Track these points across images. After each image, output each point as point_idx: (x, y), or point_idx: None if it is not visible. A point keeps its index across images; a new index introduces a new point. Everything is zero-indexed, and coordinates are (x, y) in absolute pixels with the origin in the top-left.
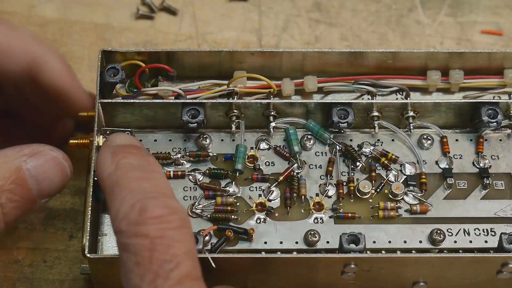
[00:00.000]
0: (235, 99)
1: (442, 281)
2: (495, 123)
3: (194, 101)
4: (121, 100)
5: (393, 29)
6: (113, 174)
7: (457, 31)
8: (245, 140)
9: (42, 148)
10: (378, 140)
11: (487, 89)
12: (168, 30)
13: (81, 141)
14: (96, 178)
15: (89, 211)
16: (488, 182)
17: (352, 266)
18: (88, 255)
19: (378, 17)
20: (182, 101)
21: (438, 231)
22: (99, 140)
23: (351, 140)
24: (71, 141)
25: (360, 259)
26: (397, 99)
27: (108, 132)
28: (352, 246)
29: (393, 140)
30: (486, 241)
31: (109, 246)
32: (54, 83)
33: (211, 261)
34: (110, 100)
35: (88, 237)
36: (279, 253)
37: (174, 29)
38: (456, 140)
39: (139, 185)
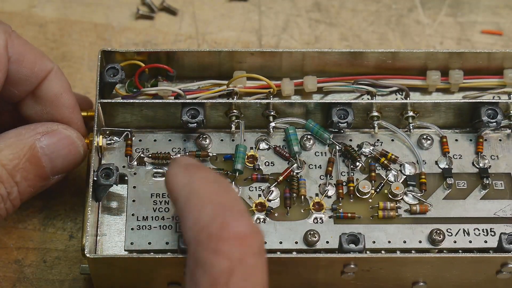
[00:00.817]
0: (235, 99)
1: (442, 281)
2: (494, 123)
3: (194, 101)
4: (121, 100)
5: (393, 29)
6: (189, 184)
7: (457, 31)
8: (244, 140)
9: (56, 126)
10: (378, 140)
11: (486, 89)
12: (168, 30)
13: None
14: (95, 178)
15: (89, 211)
16: (487, 182)
17: (352, 266)
18: (87, 255)
19: (378, 17)
20: (181, 101)
21: (438, 231)
22: (99, 140)
23: (350, 140)
24: None
25: (359, 259)
26: (396, 99)
27: (107, 132)
28: (352, 246)
29: (392, 140)
30: (485, 241)
31: (108, 246)
32: (56, 98)
33: None
34: (109, 100)
35: (87, 237)
36: (279, 253)
37: (174, 29)
38: (456, 140)
39: (219, 198)
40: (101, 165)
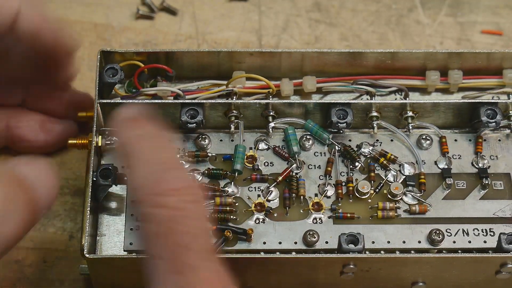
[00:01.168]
0: (234, 99)
1: (441, 281)
2: (494, 123)
3: (193, 101)
4: (120, 101)
5: (393, 29)
6: (126, 145)
7: (457, 31)
8: (244, 140)
9: None
10: (377, 140)
11: (486, 89)
12: (168, 30)
13: (79, 141)
14: (94, 179)
15: (88, 212)
16: (487, 182)
17: (351, 266)
18: (87, 255)
19: (378, 17)
20: (181, 101)
21: (437, 232)
22: (98, 140)
23: (350, 140)
24: (69, 141)
25: (359, 259)
26: (396, 99)
27: (106, 133)
28: (351, 246)
29: (392, 140)
30: (485, 241)
31: (108, 246)
32: (29, 28)
33: None
34: (108, 101)
35: (87, 238)
36: (278, 253)
37: (174, 29)
38: (455, 140)
39: (153, 155)
40: (100, 165)
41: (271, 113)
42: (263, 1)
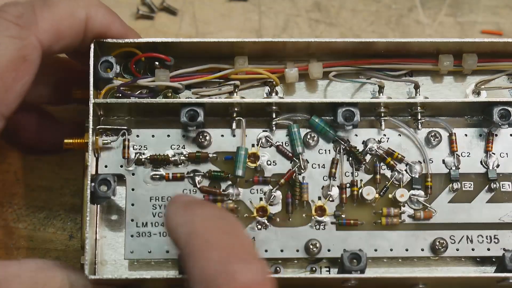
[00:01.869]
0: (236, 93)
1: (442, 285)
2: (506, 125)
3: (193, 101)
4: (117, 100)
5: (393, 29)
6: (190, 223)
7: (457, 31)
8: (246, 135)
9: None
10: (384, 135)
11: (501, 71)
12: (168, 30)
13: (76, 140)
14: (92, 190)
15: (88, 211)
16: (495, 186)
17: (353, 281)
18: (90, 277)
19: (378, 17)
20: (180, 101)
21: (441, 241)
22: (94, 139)
23: (356, 135)
24: (66, 141)
25: (360, 279)
26: (407, 91)
27: (101, 131)
28: (354, 263)
29: (399, 135)
30: (488, 249)
31: (108, 252)
32: (100, 30)
33: None
34: (105, 100)
35: (86, 260)
36: (280, 261)
37: (174, 29)
38: (465, 135)
39: (224, 239)
40: (98, 175)
41: (275, 109)
42: (263, 1)
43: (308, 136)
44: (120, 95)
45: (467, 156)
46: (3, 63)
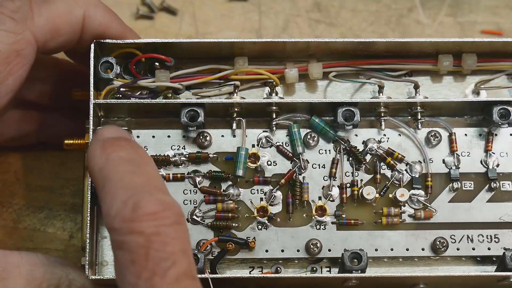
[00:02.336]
0: (236, 93)
1: (443, 284)
2: (506, 124)
3: (193, 101)
4: (117, 101)
5: (393, 29)
6: (104, 168)
7: (457, 31)
8: (246, 136)
9: None
10: (385, 135)
11: (500, 71)
12: (168, 30)
13: (76, 141)
14: (93, 191)
15: (88, 212)
16: (495, 185)
17: (354, 281)
18: (91, 277)
19: (378, 17)
20: (181, 101)
21: (441, 240)
22: None
23: (356, 135)
24: (66, 141)
25: (361, 278)
26: (407, 91)
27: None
28: (354, 262)
29: (399, 135)
30: (489, 248)
31: (108, 252)
32: (98, 29)
33: (211, 285)
34: (105, 101)
35: (87, 259)
36: (280, 261)
37: (174, 29)
38: (465, 134)
39: (131, 179)
40: None
41: (275, 109)
42: (263, 1)
43: (308, 136)
44: (120, 96)
45: (467, 155)
46: None
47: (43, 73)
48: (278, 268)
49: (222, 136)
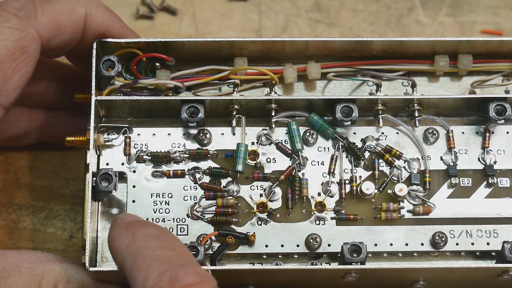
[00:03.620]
0: (236, 92)
1: (443, 281)
2: (503, 120)
3: (194, 98)
4: (119, 98)
5: (393, 29)
6: (132, 244)
7: (457, 31)
8: (246, 134)
9: None
10: (383, 133)
11: (496, 72)
12: (168, 30)
13: (77, 138)
14: (94, 184)
15: (88, 211)
16: (493, 181)
17: (354, 274)
18: (90, 269)
19: (378, 17)
20: (181, 98)
21: (440, 235)
22: (96, 137)
23: (354, 133)
24: (67, 138)
25: (361, 270)
26: (405, 92)
27: (102, 129)
28: (354, 255)
29: (397, 133)
30: (488, 243)
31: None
32: (99, 28)
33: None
34: (107, 98)
35: (87, 250)
36: (280, 256)
37: (174, 29)
38: (462, 132)
39: (164, 253)
40: (100, 169)
41: (274, 107)
42: (263, 1)
43: (307, 134)
44: (122, 95)
45: (465, 153)
46: (2, 52)
47: (47, 73)
48: (278, 263)
49: (222, 134)
